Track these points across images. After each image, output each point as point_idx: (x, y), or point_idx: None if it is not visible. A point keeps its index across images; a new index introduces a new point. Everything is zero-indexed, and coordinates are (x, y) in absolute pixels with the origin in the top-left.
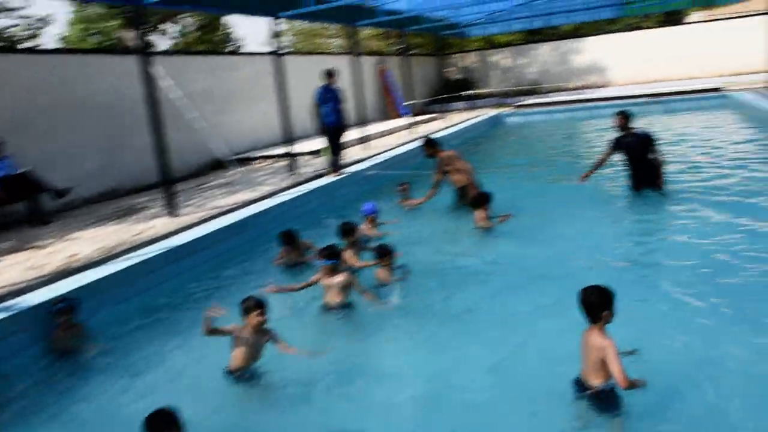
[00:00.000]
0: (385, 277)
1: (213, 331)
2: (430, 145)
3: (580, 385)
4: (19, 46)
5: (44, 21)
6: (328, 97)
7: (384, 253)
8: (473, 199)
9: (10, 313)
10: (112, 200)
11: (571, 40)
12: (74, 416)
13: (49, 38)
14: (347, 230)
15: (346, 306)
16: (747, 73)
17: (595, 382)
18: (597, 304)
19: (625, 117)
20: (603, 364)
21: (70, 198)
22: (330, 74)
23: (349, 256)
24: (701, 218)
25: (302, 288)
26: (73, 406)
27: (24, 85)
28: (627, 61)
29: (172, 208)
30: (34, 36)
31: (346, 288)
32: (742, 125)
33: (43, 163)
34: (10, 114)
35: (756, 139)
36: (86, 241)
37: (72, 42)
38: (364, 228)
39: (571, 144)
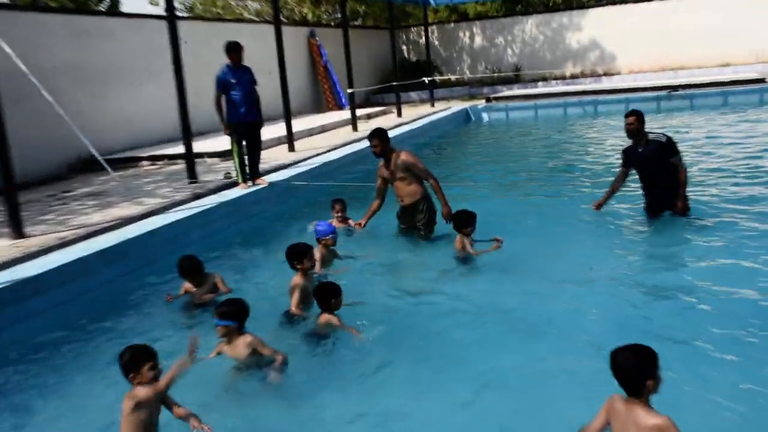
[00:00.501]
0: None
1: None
2: (384, 138)
3: None
4: None
5: None
6: (235, 82)
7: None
8: (456, 217)
9: None
10: None
11: (566, 12)
12: None
13: None
14: (298, 252)
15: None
16: None
17: None
18: (636, 371)
19: (637, 119)
20: None
21: None
22: (232, 49)
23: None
24: (729, 259)
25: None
26: None
27: None
28: (640, 41)
29: (15, 225)
30: None
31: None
32: None
33: None
34: None
35: None
36: None
37: None
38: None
39: (567, 151)
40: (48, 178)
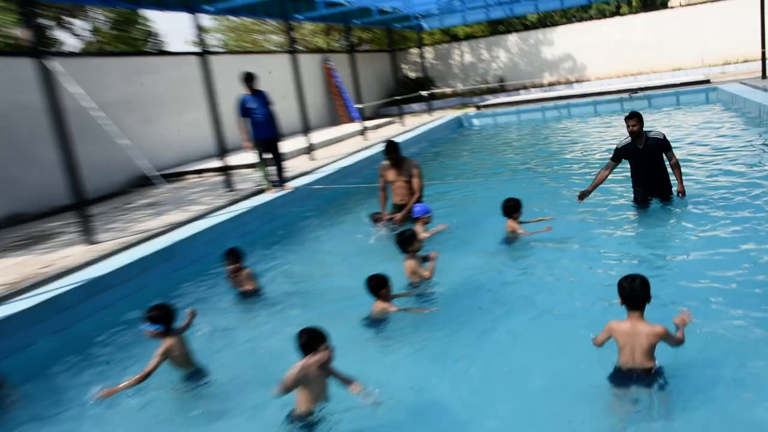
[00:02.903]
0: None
1: None
2: (399, 149)
3: (626, 374)
4: None
5: None
6: (254, 106)
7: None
8: (506, 206)
9: None
10: (18, 226)
11: (540, 30)
12: None
13: None
14: (407, 238)
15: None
16: (736, 63)
17: (648, 364)
18: (645, 293)
19: (639, 120)
20: (653, 348)
21: None
22: (247, 78)
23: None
24: (710, 232)
25: (141, 380)
26: None
27: None
28: (603, 53)
29: (88, 233)
30: None
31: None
32: (735, 122)
33: None
34: None
35: (751, 138)
36: None
37: None
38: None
39: (549, 149)
40: (113, 193)
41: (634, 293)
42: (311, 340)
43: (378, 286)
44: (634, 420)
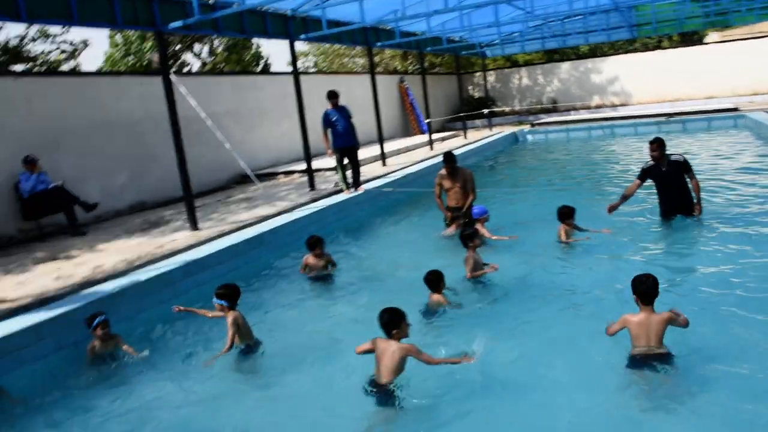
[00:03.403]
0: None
1: None
2: (454, 159)
3: (641, 359)
4: (58, 69)
5: (82, 45)
6: (336, 119)
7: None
8: (561, 211)
9: (37, 321)
10: (140, 212)
11: (590, 59)
12: (107, 418)
13: (88, 60)
14: (470, 235)
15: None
16: (764, 93)
17: (662, 350)
18: (656, 289)
19: (660, 145)
20: (663, 333)
21: (102, 210)
22: (331, 96)
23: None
24: (730, 247)
25: (230, 347)
26: (108, 408)
27: (58, 105)
28: (645, 81)
29: (193, 222)
30: (72, 59)
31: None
32: (760, 145)
33: (77, 178)
34: (46, 132)
35: None
36: (112, 253)
37: (111, 64)
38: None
39: (593, 163)
40: (217, 189)
41: (648, 289)
42: (392, 318)
43: (435, 280)
44: (653, 397)
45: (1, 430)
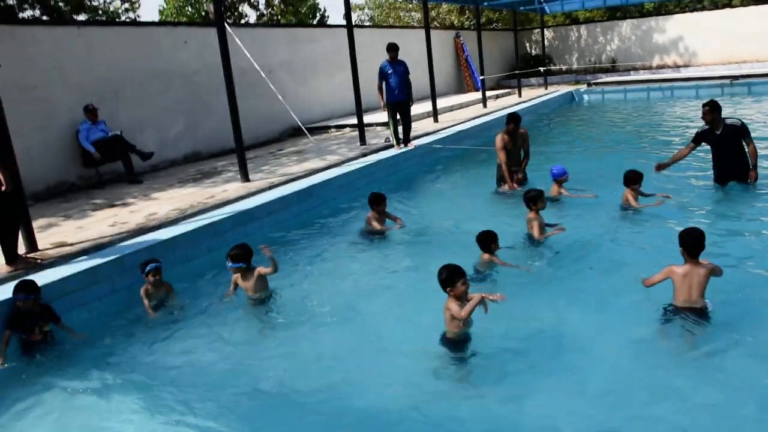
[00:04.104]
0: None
1: None
2: (519, 120)
3: (682, 310)
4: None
5: None
6: (391, 72)
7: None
8: (627, 176)
9: (93, 265)
10: (194, 162)
11: (654, 18)
12: (159, 359)
13: (146, 12)
14: (533, 197)
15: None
16: None
17: (702, 303)
18: (703, 242)
19: (713, 109)
20: (706, 286)
21: (158, 160)
22: (390, 48)
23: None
24: None
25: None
26: (161, 348)
27: (116, 55)
28: (712, 41)
29: (244, 173)
30: (131, 9)
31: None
32: None
33: (134, 127)
34: (104, 82)
35: None
36: (165, 202)
37: (169, 15)
38: (554, 189)
39: (648, 125)
40: (270, 141)
41: (695, 241)
42: (451, 275)
43: (486, 240)
44: (692, 345)
45: (64, 359)
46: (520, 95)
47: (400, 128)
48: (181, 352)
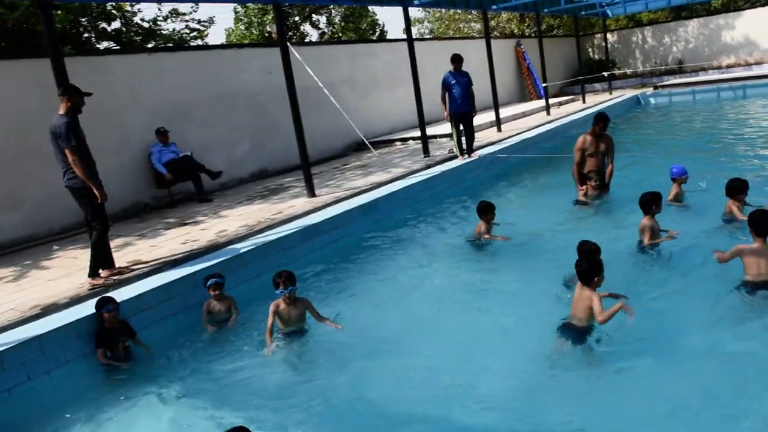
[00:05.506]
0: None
1: None
2: (608, 121)
3: (756, 284)
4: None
5: (208, 22)
6: (454, 83)
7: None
8: (730, 186)
9: (167, 281)
10: (261, 180)
11: (722, 15)
12: (223, 375)
13: (214, 36)
14: (650, 201)
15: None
16: None
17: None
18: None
19: None
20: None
21: (226, 178)
22: (454, 59)
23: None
24: None
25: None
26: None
27: (185, 79)
28: None
29: (310, 188)
30: (199, 36)
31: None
32: None
33: (203, 148)
34: (175, 105)
35: None
36: (234, 219)
37: (236, 38)
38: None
39: (719, 126)
40: (334, 156)
41: (764, 222)
42: (592, 269)
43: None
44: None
45: (137, 373)
46: (584, 101)
47: (463, 139)
48: (244, 368)
